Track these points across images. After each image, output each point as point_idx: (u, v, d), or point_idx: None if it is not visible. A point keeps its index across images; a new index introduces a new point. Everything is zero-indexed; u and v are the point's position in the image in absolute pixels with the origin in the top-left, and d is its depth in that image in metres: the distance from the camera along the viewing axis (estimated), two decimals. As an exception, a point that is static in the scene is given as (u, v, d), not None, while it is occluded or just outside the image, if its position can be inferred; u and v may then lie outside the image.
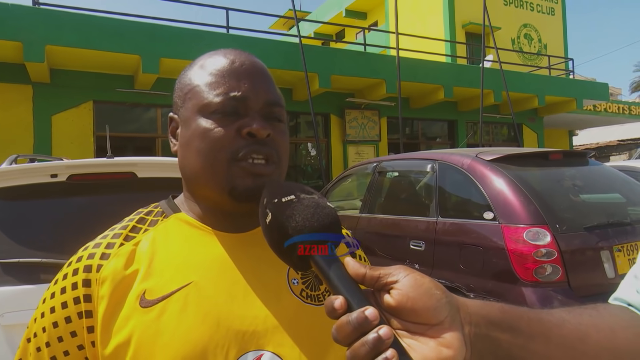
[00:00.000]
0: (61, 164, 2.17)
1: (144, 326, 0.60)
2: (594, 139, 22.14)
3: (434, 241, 3.37)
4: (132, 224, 0.70)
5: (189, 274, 0.64)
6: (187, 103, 0.69)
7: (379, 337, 0.40)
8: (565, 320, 0.52)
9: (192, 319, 0.61)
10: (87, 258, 0.65)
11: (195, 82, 0.69)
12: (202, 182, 0.68)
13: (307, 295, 0.67)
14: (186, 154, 0.69)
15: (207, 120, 0.66)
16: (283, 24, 22.30)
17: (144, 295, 0.62)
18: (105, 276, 0.63)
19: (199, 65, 0.71)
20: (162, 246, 0.67)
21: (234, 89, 0.66)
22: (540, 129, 13.92)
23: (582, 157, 3.61)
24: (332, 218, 0.52)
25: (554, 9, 16.53)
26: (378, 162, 4.58)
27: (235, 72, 0.68)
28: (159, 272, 0.64)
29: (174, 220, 0.70)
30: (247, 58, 0.70)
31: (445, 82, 10.38)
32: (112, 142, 2.87)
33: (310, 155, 10.90)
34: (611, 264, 2.79)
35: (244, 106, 0.67)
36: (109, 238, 0.68)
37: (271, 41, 9.32)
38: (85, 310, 0.63)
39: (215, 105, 0.66)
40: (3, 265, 1.91)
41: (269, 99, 0.69)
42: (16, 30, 6.53)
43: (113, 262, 0.64)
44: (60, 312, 0.63)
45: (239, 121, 0.66)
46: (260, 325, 0.62)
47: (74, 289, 0.64)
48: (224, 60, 0.69)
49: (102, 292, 0.62)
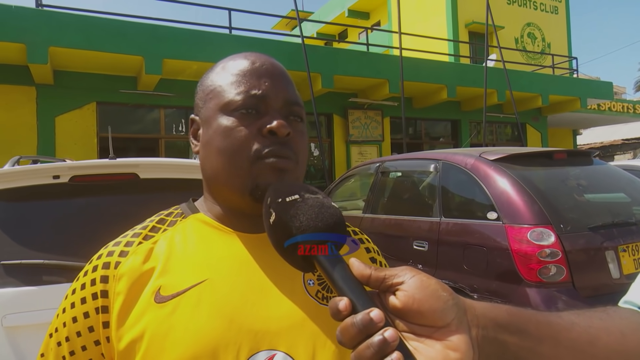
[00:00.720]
0: (63, 165, 2.16)
1: (158, 322, 0.61)
2: (598, 138, 22.06)
3: (438, 241, 3.36)
4: (152, 224, 0.72)
5: (205, 272, 0.65)
6: (208, 103, 0.71)
7: (385, 339, 0.40)
8: (575, 323, 0.51)
9: (205, 316, 0.61)
10: (107, 256, 0.67)
11: (217, 83, 0.71)
12: (223, 181, 0.68)
13: (323, 297, 0.67)
14: (207, 153, 0.70)
15: (228, 118, 0.67)
16: (286, 25, 22.31)
17: (159, 291, 0.63)
18: (122, 273, 0.65)
19: (221, 67, 0.73)
20: (180, 245, 0.68)
21: (254, 87, 0.68)
22: (544, 129, 13.88)
23: (587, 157, 3.59)
24: (336, 218, 0.51)
25: (557, 7, 16.48)
26: (381, 162, 4.57)
27: (256, 71, 0.69)
28: (175, 270, 0.65)
29: (192, 220, 0.72)
30: (268, 59, 0.72)
31: (448, 82, 10.36)
32: (115, 143, 2.87)
33: (314, 156, 10.90)
34: (616, 264, 2.77)
35: (264, 104, 0.68)
36: (128, 237, 0.70)
37: (274, 41, 9.32)
38: (102, 306, 0.64)
39: (236, 104, 0.67)
40: (5, 267, 1.91)
41: (289, 98, 0.70)
42: (19, 32, 6.56)
43: (131, 259, 0.66)
44: (79, 308, 0.65)
45: (260, 120, 0.67)
46: (273, 325, 0.62)
47: (92, 285, 0.65)
48: (245, 62, 0.71)
49: (118, 289, 0.64)
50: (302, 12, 10.69)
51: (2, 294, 1.88)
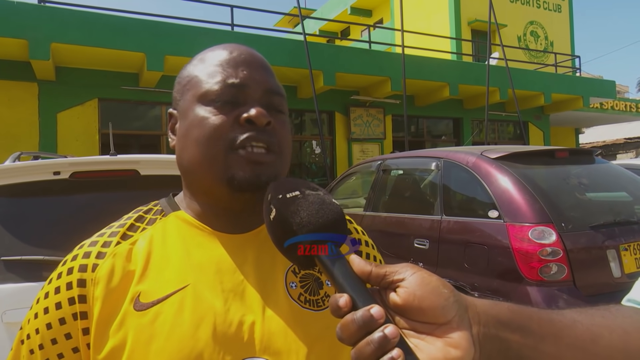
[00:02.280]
0: (64, 162, 2.17)
1: (138, 330, 0.58)
2: (601, 137, 22.00)
3: (439, 239, 3.36)
4: (130, 222, 0.68)
5: (186, 277, 0.62)
6: (185, 95, 0.68)
7: (385, 336, 0.39)
8: (577, 321, 0.51)
9: (188, 323, 0.59)
10: (83, 257, 0.63)
11: (194, 74, 0.68)
12: (200, 173, 0.65)
13: (306, 300, 0.65)
14: (184, 144, 0.67)
15: (205, 108, 0.65)
16: (288, 22, 22.28)
17: (139, 298, 0.60)
18: (100, 276, 0.61)
19: (198, 59, 0.70)
20: (159, 246, 0.65)
21: (232, 76, 0.65)
22: (546, 127, 13.85)
23: (589, 155, 3.58)
24: (337, 215, 0.50)
25: (560, 6, 16.43)
26: (382, 160, 4.57)
27: (233, 61, 0.67)
28: (155, 274, 0.62)
29: (172, 218, 0.69)
30: (246, 49, 0.70)
31: (450, 80, 10.34)
32: (117, 140, 2.87)
33: (315, 153, 10.89)
34: (617, 263, 2.76)
35: (242, 94, 0.65)
36: (105, 236, 0.66)
37: (276, 39, 9.30)
38: (80, 312, 0.60)
39: (213, 93, 0.65)
40: (5, 263, 1.91)
41: (269, 87, 0.67)
42: (21, 28, 6.56)
43: (109, 262, 0.63)
44: (54, 313, 0.61)
45: (238, 109, 0.64)
46: (256, 332, 0.60)
47: (68, 289, 0.61)
48: (222, 52, 0.68)
49: (97, 293, 0.60)
50: (304, 10, 10.67)
51: (3, 290, 1.88)
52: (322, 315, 0.64)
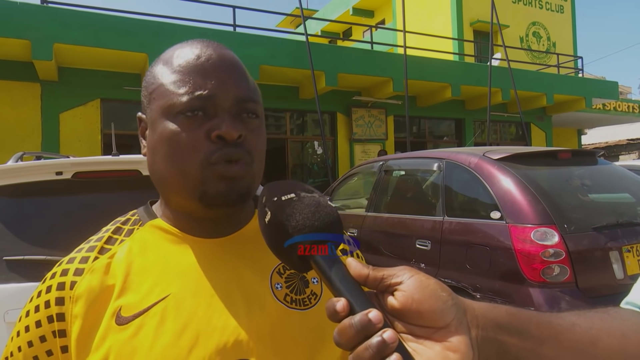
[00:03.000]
0: (66, 162, 2.17)
1: (120, 345, 0.57)
2: (603, 138, 21.95)
3: (440, 241, 3.35)
4: (107, 235, 0.67)
5: (167, 286, 0.61)
6: (152, 104, 0.65)
7: (383, 340, 0.39)
8: (576, 324, 0.51)
9: (170, 334, 0.58)
10: (61, 275, 0.63)
11: (160, 81, 0.65)
12: (172, 188, 0.64)
13: (292, 300, 0.64)
14: (154, 159, 0.65)
15: (172, 123, 0.62)
16: (290, 22, 22.29)
17: (120, 312, 0.59)
18: (79, 294, 0.60)
19: (164, 61, 0.66)
20: (138, 258, 0.64)
21: (199, 87, 0.61)
22: (548, 128, 13.82)
23: (591, 156, 3.57)
24: (332, 217, 0.50)
25: (563, 6, 16.40)
26: (384, 161, 4.56)
27: (201, 68, 0.63)
28: (135, 286, 0.61)
29: (149, 228, 0.67)
30: (215, 51, 0.65)
31: (452, 81, 10.33)
32: (119, 140, 2.88)
33: (317, 154, 10.89)
34: (620, 264, 2.75)
35: (212, 105, 0.62)
36: (83, 252, 0.65)
37: (278, 39, 9.30)
38: (58, 330, 0.60)
39: (180, 106, 0.61)
40: (8, 263, 1.92)
41: (239, 95, 0.63)
42: (24, 29, 6.58)
43: (87, 278, 0.62)
44: (34, 331, 0.61)
45: (208, 123, 0.61)
46: (242, 335, 0.59)
47: (46, 307, 0.61)
48: (189, 55, 0.64)
49: (76, 311, 0.60)
50: (306, 10, 10.69)
51: (5, 290, 1.88)
52: (309, 314, 0.64)
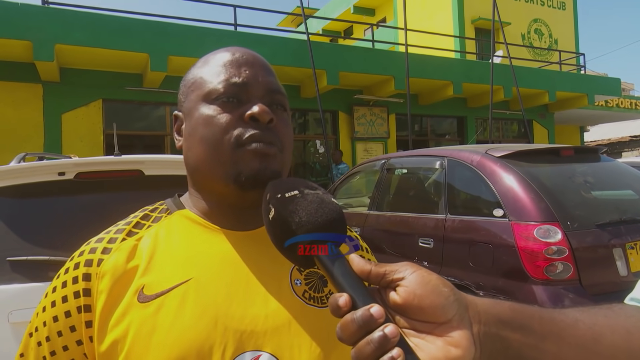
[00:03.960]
0: (68, 162, 2.18)
1: (140, 322, 0.59)
2: (606, 135, 21.88)
3: (443, 239, 3.35)
4: (135, 220, 0.70)
5: (190, 271, 0.63)
6: (190, 95, 0.71)
7: (385, 335, 0.39)
8: (579, 320, 0.50)
9: (189, 316, 0.60)
10: (89, 252, 0.66)
11: (198, 75, 0.71)
12: (207, 171, 0.67)
13: (310, 297, 0.65)
14: (190, 144, 0.69)
15: (209, 107, 0.67)
16: (291, 21, 22.29)
17: (142, 290, 0.61)
18: (105, 270, 0.63)
19: (202, 61, 0.73)
20: (164, 242, 0.67)
21: (235, 76, 0.68)
22: (551, 125, 13.79)
23: (594, 153, 3.56)
24: (336, 214, 0.50)
25: (564, 3, 16.35)
26: (386, 159, 4.56)
27: (236, 61, 0.69)
28: (158, 268, 0.64)
29: (177, 216, 0.70)
30: (248, 51, 0.72)
31: (454, 78, 10.31)
32: (121, 141, 2.88)
33: (319, 153, 10.90)
34: (624, 261, 2.74)
35: (245, 92, 0.67)
36: (112, 233, 0.68)
37: (279, 38, 9.30)
38: (84, 305, 0.62)
39: (217, 92, 0.67)
40: (11, 263, 1.92)
41: (270, 86, 0.69)
42: (26, 30, 6.59)
43: (114, 256, 0.64)
44: (60, 306, 0.63)
45: (242, 107, 0.66)
46: (259, 325, 0.61)
47: (74, 282, 0.64)
48: (226, 54, 0.71)
49: (101, 287, 0.62)
50: (307, 9, 10.67)
51: (8, 290, 1.89)
52: (326, 312, 0.64)
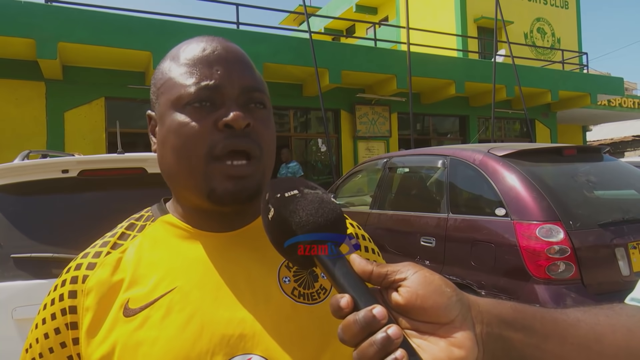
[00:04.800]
0: (72, 160, 2.19)
1: (126, 336, 0.58)
2: (609, 135, 21.81)
3: (445, 237, 3.35)
4: (120, 231, 0.69)
5: (174, 279, 0.61)
6: (160, 98, 0.66)
7: (388, 336, 0.39)
8: (581, 320, 0.50)
9: (175, 326, 0.58)
10: (75, 269, 0.65)
11: (167, 75, 0.65)
12: (181, 182, 0.64)
13: (300, 294, 0.63)
14: (163, 152, 0.65)
15: (181, 114, 0.62)
16: (293, 20, 22.25)
17: (127, 304, 0.60)
18: (90, 287, 0.62)
19: (171, 57, 0.67)
20: (148, 252, 0.65)
21: (206, 78, 0.62)
22: (553, 125, 13.76)
23: (597, 153, 3.56)
24: (336, 214, 0.50)
25: (567, 2, 16.29)
26: (388, 158, 4.56)
27: (206, 59, 0.63)
28: (143, 280, 0.62)
29: (160, 223, 0.68)
30: (220, 43, 0.66)
31: (456, 77, 10.29)
32: (123, 138, 2.89)
33: (321, 151, 10.89)
34: (626, 261, 2.74)
35: (219, 95, 0.62)
36: (97, 247, 0.67)
37: (281, 37, 9.30)
38: (70, 322, 0.62)
39: (187, 97, 0.62)
40: (15, 260, 1.93)
41: (246, 84, 0.64)
42: (29, 28, 6.60)
43: (99, 272, 0.63)
44: (50, 324, 0.63)
45: (215, 113, 0.61)
46: (248, 328, 0.59)
47: (60, 300, 0.63)
48: (195, 49, 0.65)
49: (87, 304, 0.61)
50: (309, 7, 10.61)
51: (12, 287, 1.90)
52: (317, 309, 0.63)
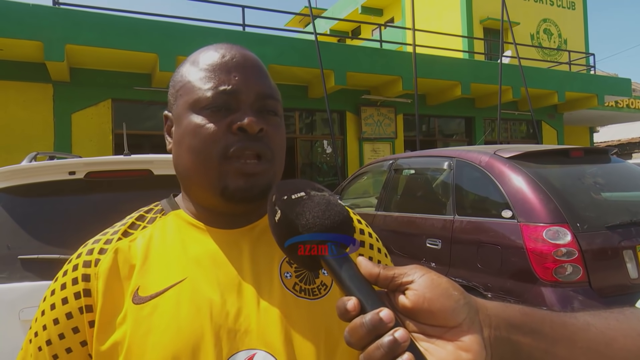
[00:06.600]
0: (79, 162, 2.20)
1: (136, 323, 0.60)
2: (616, 136, 21.65)
3: (451, 240, 3.33)
4: (131, 221, 0.71)
5: (184, 271, 0.64)
6: (179, 100, 0.69)
7: (395, 339, 0.39)
8: (590, 324, 0.50)
9: (185, 316, 0.60)
10: (86, 254, 0.66)
11: (187, 79, 0.69)
12: (195, 181, 0.67)
13: (301, 289, 0.65)
14: (179, 152, 0.68)
15: (198, 116, 0.65)
16: (299, 22, 22.30)
17: (137, 292, 0.62)
18: (102, 270, 0.64)
19: (191, 61, 0.71)
20: (158, 243, 0.67)
21: (224, 83, 0.66)
22: (560, 126, 13.68)
23: (604, 154, 3.53)
24: (342, 217, 0.50)
25: (574, 3, 16.21)
26: (394, 160, 4.55)
27: (225, 65, 0.67)
28: (153, 269, 0.64)
29: (171, 217, 0.71)
30: (239, 51, 0.69)
31: (462, 79, 10.26)
32: (129, 140, 2.90)
33: (326, 153, 10.89)
34: (634, 263, 2.72)
35: (235, 100, 0.65)
36: (108, 234, 0.69)
37: (287, 38, 9.31)
38: (85, 305, 0.63)
39: (205, 101, 0.65)
40: (22, 261, 1.94)
41: (261, 91, 0.67)
42: (37, 30, 6.65)
43: (110, 256, 0.65)
44: (60, 309, 0.63)
45: (231, 116, 0.65)
46: (252, 323, 0.61)
47: (74, 284, 0.64)
48: (214, 55, 0.69)
49: (99, 287, 0.63)
50: (315, 9, 10.66)
51: (19, 288, 1.91)
52: (318, 304, 0.64)
